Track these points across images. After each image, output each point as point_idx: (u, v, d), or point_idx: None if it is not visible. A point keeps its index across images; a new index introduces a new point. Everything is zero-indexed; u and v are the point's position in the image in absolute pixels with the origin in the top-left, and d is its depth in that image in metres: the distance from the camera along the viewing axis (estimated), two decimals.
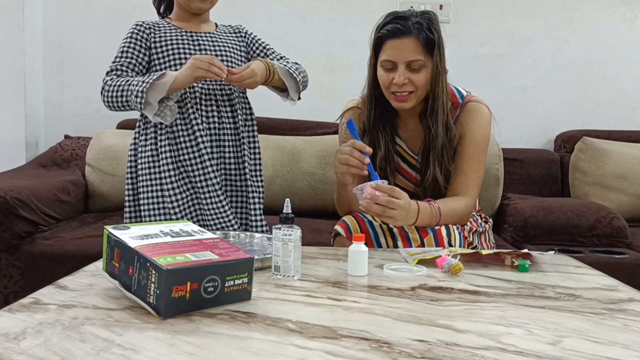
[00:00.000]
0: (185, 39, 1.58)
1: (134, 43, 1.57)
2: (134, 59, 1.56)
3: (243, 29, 1.71)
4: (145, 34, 1.58)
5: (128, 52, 1.56)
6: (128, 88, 1.47)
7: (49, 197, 2.11)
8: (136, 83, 1.46)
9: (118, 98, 1.50)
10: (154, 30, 1.58)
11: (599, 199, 2.37)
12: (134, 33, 1.58)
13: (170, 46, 1.56)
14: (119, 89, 1.49)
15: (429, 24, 1.44)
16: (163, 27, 1.60)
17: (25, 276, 1.90)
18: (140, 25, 1.59)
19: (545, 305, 0.97)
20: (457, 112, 1.54)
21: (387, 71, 1.46)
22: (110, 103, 1.52)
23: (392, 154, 1.55)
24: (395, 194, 1.30)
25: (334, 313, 0.91)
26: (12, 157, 2.59)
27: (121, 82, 1.50)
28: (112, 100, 1.51)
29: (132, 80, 1.49)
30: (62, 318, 0.85)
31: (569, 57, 2.81)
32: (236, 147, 1.61)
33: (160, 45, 1.56)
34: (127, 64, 1.56)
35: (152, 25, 1.60)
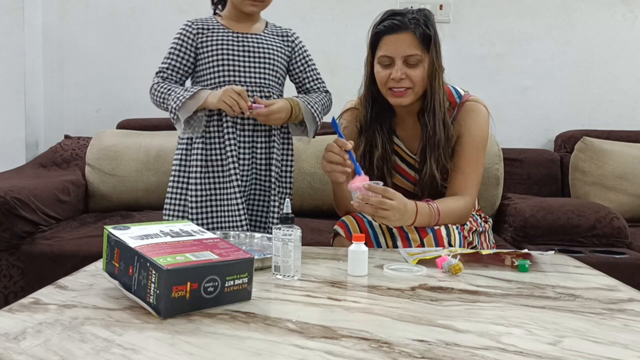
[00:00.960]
0: (231, 40, 1.59)
1: (181, 45, 1.61)
2: (179, 62, 1.61)
3: (292, 34, 1.70)
4: (192, 35, 1.60)
5: (174, 54, 1.61)
6: (167, 99, 1.54)
7: (49, 197, 2.11)
8: (173, 98, 1.52)
9: (160, 105, 1.59)
10: (202, 31, 1.61)
11: (599, 199, 2.37)
12: (182, 35, 1.61)
13: (216, 48, 1.58)
14: (161, 96, 1.57)
15: (426, 20, 1.45)
16: (212, 27, 1.61)
17: (25, 276, 1.90)
18: (189, 26, 1.62)
19: (545, 305, 0.97)
20: (455, 111, 1.54)
21: (385, 67, 1.47)
22: (156, 105, 1.61)
23: (390, 153, 1.55)
24: (388, 194, 1.30)
25: (333, 313, 0.91)
26: (12, 157, 2.59)
27: (163, 89, 1.56)
28: (156, 104, 1.60)
29: (171, 91, 1.54)
30: (62, 318, 0.85)
31: (569, 57, 2.81)
32: (268, 149, 1.61)
33: (207, 46, 1.59)
34: (172, 67, 1.61)
35: (201, 26, 1.62)
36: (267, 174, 1.61)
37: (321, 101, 1.64)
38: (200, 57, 1.60)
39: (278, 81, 1.64)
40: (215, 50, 1.58)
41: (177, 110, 1.51)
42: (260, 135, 1.59)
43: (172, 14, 2.79)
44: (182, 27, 1.62)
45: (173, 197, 1.62)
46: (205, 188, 1.58)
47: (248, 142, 1.58)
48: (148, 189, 2.37)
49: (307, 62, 1.70)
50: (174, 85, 1.58)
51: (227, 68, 1.57)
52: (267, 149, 1.60)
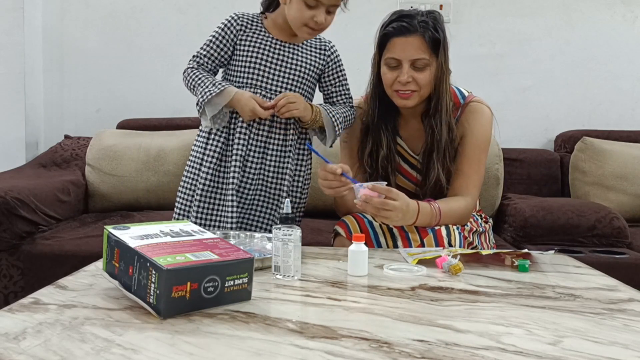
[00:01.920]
0: (268, 46, 1.59)
1: (222, 37, 1.60)
2: (217, 52, 1.61)
3: (331, 47, 1.69)
4: (235, 30, 1.60)
5: (214, 43, 1.61)
6: (197, 88, 1.56)
7: (49, 197, 2.11)
8: (201, 91, 1.53)
9: (191, 90, 1.59)
10: (244, 28, 1.61)
11: (599, 199, 2.37)
12: (225, 26, 1.61)
13: (252, 50, 1.58)
14: (193, 83, 1.57)
15: (435, 23, 1.44)
16: (254, 28, 1.61)
17: (25, 276, 1.90)
18: (234, 19, 1.61)
19: (545, 305, 0.97)
20: (459, 112, 1.54)
21: (392, 69, 1.46)
22: (188, 88, 1.61)
23: (394, 153, 1.55)
24: (392, 195, 1.30)
25: (333, 313, 0.91)
26: (12, 157, 2.59)
27: (196, 77, 1.57)
28: (188, 88, 1.61)
29: (201, 84, 1.55)
30: (62, 318, 0.85)
31: (569, 57, 2.81)
32: (281, 159, 1.60)
33: (244, 45, 1.59)
34: (209, 55, 1.61)
35: (246, 22, 1.61)
36: (276, 181, 1.60)
37: (344, 114, 1.62)
38: (236, 52, 1.60)
39: (305, 94, 1.62)
40: (251, 52, 1.58)
41: (205, 105, 1.52)
42: (274, 144, 1.59)
43: (172, 14, 2.79)
44: (227, 19, 1.61)
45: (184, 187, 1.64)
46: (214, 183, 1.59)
47: (261, 147, 1.58)
48: (148, 189, 2.38)
49: (339, 77, 1.69)
50: (206, 75, 1.58)
51: (258, 72, 1.57)
52: (280, 157, 1.60)
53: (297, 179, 1.64)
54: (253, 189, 1.60)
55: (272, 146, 1.59)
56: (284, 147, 1.60)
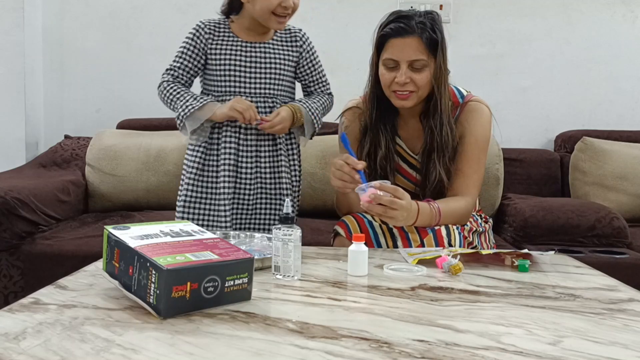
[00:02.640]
0: (239, 50, 1.60)
1: (192, 46, 1.62)
2: (189, 63, 1.62)
3: (302, 35, 1.70)
4: (204, 38, 1.61)
5: (185, 54, 1.62)
6: (176, 102, 1.57)
7: (49, 197, 2.11)
8: (181, 105, 1.55)
9: (168, 105, 1.61)
10: (213, 34, 1.61)
11: (599, 199, 2.37)
12: (194, 36, 1.62)
13: (223, 57, 1.60)
14: (170, 97, 1.59)
15: (433, 24, 1.44)
16: (222, 34, 1.62)
17: (25, 276, 1.90)
18: (202, 28, 1.62)
19: (545, 305, 0.97)
20: (458, 111, 1.54)
21: (389, 70, 1.46)
22: (164, 103, 1.63)
23: (393, 153, 1.55)
24: (398, 194, 1.30)
25: (334, 313, 0.91)
26: (12, 157, 2.59)
27: (173, 91, 1.58)
28: (164, 102, 1.63)
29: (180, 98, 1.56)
30: (62, 318, 0.85)
31: (569, 57, 2.81)
32: (274, 158, 1.62)
33: (215, 53, 1.60)
34: (183, 67, 1.62)
35: (214, 29, 1.62)
36: (274, 181, 1.63)
37: (322, 105, 1.66)
38: (209, 61, 1.62)
39: (285, 89, 1.64)
40: (223, 58, 1.59)
41: (185, 119, 1.54)
42: (265, 145, 1.61)
43: (172, 14, 2.79)
44: (195, 28, 1.63)
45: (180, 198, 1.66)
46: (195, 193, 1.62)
47: (252, 151, 1.60)
48: (148, 189, 2.38)
49: (314, 65, 1.71)
50: (183, 89, 1.59)
51: (233, 78, 1.59)
52: (272, 157, 1.62)
53: (293, 174, 1.66)
54: (253, 194, 1.61)
55: (264, 147, 1.61)
56: (275, 146, 1.62)
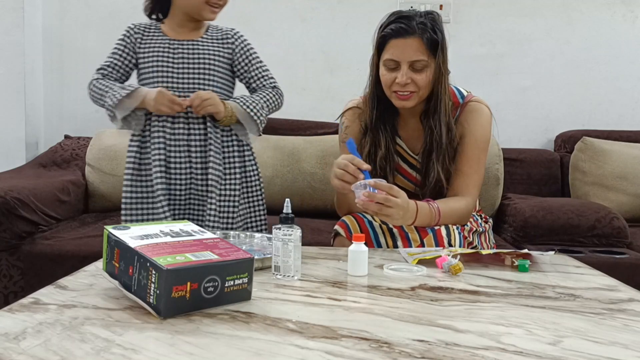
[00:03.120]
0: (166, 48, 1.63)
1: (123, 46, 1.67)
2: (120, 62, 1.66)
3: (235, 34, 1.71)
4: (134, 38, 1.66)
5: (116, 54, 1.67)
6: (105, 95, 1.59)
7: (49, 197, 2.11)
8: (110, 96, 1.57)
9: (98, 101, 1.63)
10: (143, 35, 1.67)
11: (599, 199, 2.37)
12: (125, 36, 1.68)
13: (150, 54, 1.63)
14: (99, 92, 1.61)
15: (433, 24, 1.44)
16: (151, 34, 1.67)
17: (25, 276, 1.90)
18: (132, 29, 1.68)
19: (545, 305, 0.97)
20: (458, 112, 1.54)
21: (390, 70, 1.46)
22: (94, 102, 1.65)
23: (393, 153, 1.55)
24: (393, 192, 1.30)
25: (334, 313, 0.91)
26: (12, 157, 2.59)
27: (102, 86, 1.61)
28: (95, 100, 1.65)
29: (110, 90, 1.58)
30: (62, 318, 0.85)
31: (569, 57, 2.81)
32: (203, 155, 1.63)
33: (144, 51, 1.65)
34: (113, 65, 1.67)
35: (143, 30, 1.68)
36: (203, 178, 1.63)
37: (263, 98, 1.66)
38: (140, 62, 1.65)
39: (219, 85, 1.65)
40: (150, 58, 1.62)
41: (114, 108, 1.55)
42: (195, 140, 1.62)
43: None
44: (125, 30, 1.68)
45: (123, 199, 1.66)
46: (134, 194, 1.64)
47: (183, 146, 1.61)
48: None
49: (250, 60, 1.70)
50: (112, 83, 1.62)
51: (162, 75, 1.61)
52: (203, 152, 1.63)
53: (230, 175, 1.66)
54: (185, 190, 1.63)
55: (194, 142, 1.62)
56: (205, 142, 1.62)
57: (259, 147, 2.44)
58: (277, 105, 1.71)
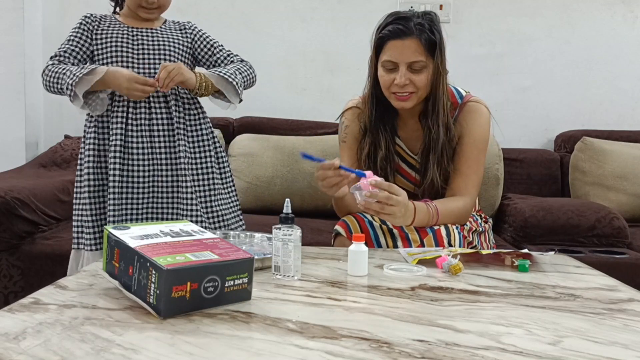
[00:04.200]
0: (125, 34, 1.62)
1: (80, 33, 1.64)
2: (77, 48, 1.63)
3: (191, 25, 1.73)
4: (91, 26, 1.64)
5: (73, 41, 1.63)
6: (62, 77, 1.53)
7: (49, 197, 2.11)
8: (69, 75, 1.52)
9: (54, 85, 1.56)
10: (99, 23, 1.65)
11: (599, 199, 2.37)
12: (81, 24, 1.65)
13: (109, 40, 1.61)
14: (56, 75, 1.55)
15: (431, 25, 1.44)
16: (108, 21, 1.66)
17: (25, 276, 1.90)
18: (88, 17, 1.67)
19: (545, 305, 0.97)
20: (457, 112, 1.54)
21: (388, 71, 1.46)
22: (48, 87, 1.59)
23: (393, 154, 1.55)
24: (393, 190, 1.30)
25: (334, 313, 0.91)
26: (12, 157, 2.59)
27: (58, 69, 1.56)
28: (50, 85, 1.58)
29: (67, 70, 1.54)
30: (62, 318, 0.85)
31: (569, 57, 2.81)
32: (169, 140, 1.60)
33: (101, 38, 1.62)
34: (70, 52, 1.62)
35: (99, 19, 1.67)
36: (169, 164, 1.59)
37: (235, 67, 1.63)
38: (97, 50, 1.62)
39: None
40: (108, 44, 1.60)
41: (74, 87, 1.49)
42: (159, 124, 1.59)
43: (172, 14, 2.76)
44: (81, 18, 1.66)
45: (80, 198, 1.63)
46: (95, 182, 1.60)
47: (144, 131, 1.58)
48: None
49: (211, 45, 1.70)
50: (70, 66, 1.57)
51: (122, 60, 1.59)
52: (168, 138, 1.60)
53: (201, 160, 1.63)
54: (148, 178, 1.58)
55: (157, 127, 1.59)
56: (170, 127, 1.60)
57: (259, 148, 2.45)
58: (250, 74, 1.67)
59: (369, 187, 1.28)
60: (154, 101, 1.59)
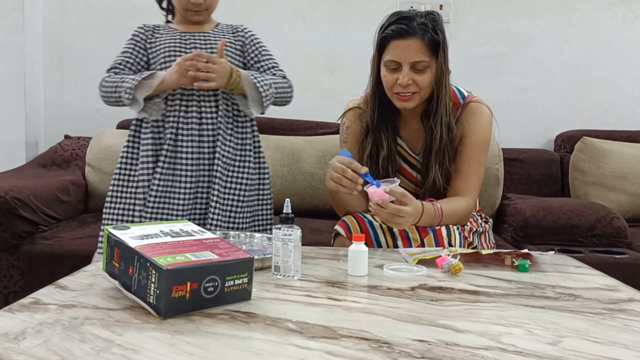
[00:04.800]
0: (177, 39, 1.63)
1: (134, 44, 1.65)
2: (132, 59, 1.64)
3: (244, 28, 1.72)
4: (145, 36, 1.65)
5: (127, 52, 1.65)
6: (121, 85, 1.55)
7: (49, 197, 2.11)
8: (128, 80, 1.54)
9: (112, 94, 1.58)
10: (153, 32, 1.66)
11: (599, 199, 2.37)
12: (135, 35, 1.66)
13: (162, 46, 1.62)
14: (113, 85, 1.57)
15: (434, 24, 1.44)
16: (161, 30, 1.67)
17: (25, 276, 1.90)
18: (141, 28, 1.68)
19: (545, 305, 0.97)
20: (459, 112, 1.54)
21: (391, 71, 1.46)
22: (106, 98, 1.61)
23: (395, 154, 1.55)
24: (405, 200, 1.30)
25: (334, 313, 0.91)
26: (12, 157, 2.59)
27: (116, 79, 1.58)
28: (107, 95, 1.59)
29: (125, 78, 1.56)
30: (62, 318, 0.85)
31: (569, 57, 2.81)
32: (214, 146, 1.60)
33: (155, 46, 1.64)
34: (125, 63, 1.63)
35: (152, 28, 1.68)
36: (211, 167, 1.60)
37: (273, 79, 1.62)
38: (152, 57, 1.63)
39: None
40: (161, 50, 1.61)
41: (134, 90, 1.51)
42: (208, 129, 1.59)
43: None
44: (134, 31, 1.67)
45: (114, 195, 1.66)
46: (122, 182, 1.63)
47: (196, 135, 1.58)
48: None
49: (259, 52, 1.70)
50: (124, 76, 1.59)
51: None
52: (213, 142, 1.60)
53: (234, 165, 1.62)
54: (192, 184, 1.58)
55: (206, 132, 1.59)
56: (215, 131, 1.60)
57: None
58: (285, 93, 1.66)
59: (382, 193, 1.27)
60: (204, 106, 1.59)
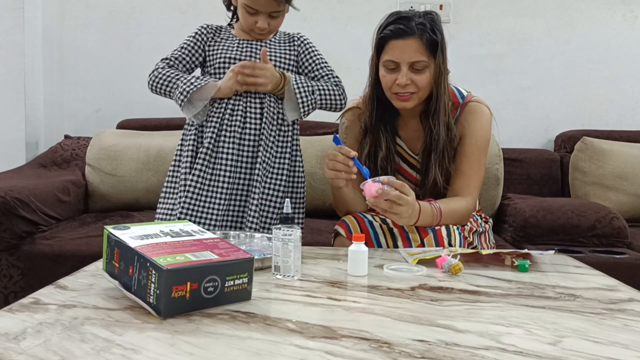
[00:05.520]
0: (236, 46, 1.64)
1: (194, 42, 1.66)
2: (188, 56, 1.65)
3: (300, 37, 1.73)
4: (205, 37, 1.67)
5: (186, 48, 1.66)
6: (176, 82, 1.57)
7: (49, 197, 2.11)
8: (184, 81, 1.56)
9: (163, 86, 1.59)
10: (215, 34, 1.68)
11: (599, 199, 2.37)
12: (197, 33, 1.68)
13: (220, 52, 1.63)
14: (168, 78, 1.59)
15: (432, 24, 1.44)
16: (222, 33, 1.69)
17: (25, 276, 1.90)
18: (205, 27, 1.69)
19: (545, 305, 0.97)
20: (458, 112, 1.54)
21: (390, 71, 1.46)
22: (154, 87, 1.61)
23: (393, 154, 1.55)
24: (405, 190, 1.30)
25: (334, 313, 0.91)
26: (12, 157, 2.59)
27: (171, 73, 1.59)
28: (157, 85, 1.60)
29: (182, 77, 1.58)
30: (62, 318, 0.85)
31: (569, 57, 2.81)
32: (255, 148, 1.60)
33: (214, 49, 1.65)
34: (181, 59, 1.65)
35: (215, 30, 1.69)
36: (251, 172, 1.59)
37: (319, 86, 1.62)
38: (208, 58, 1.65)
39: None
40: (219, 55, 1.62)
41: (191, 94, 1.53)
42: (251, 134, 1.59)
43: (172, 14, 2.79)
44: (198, 28, 1.68)
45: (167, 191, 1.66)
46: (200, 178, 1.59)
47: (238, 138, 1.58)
48: (148, 189, 2.37)
49: (313, 60, 1.71)
50: (180, 73, 1.61)
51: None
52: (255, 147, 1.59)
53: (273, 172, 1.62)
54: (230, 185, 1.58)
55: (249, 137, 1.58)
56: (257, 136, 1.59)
57: None
58: (333, 98, 1.64)
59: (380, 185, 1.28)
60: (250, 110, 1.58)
